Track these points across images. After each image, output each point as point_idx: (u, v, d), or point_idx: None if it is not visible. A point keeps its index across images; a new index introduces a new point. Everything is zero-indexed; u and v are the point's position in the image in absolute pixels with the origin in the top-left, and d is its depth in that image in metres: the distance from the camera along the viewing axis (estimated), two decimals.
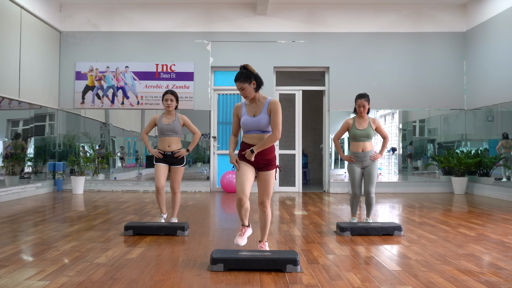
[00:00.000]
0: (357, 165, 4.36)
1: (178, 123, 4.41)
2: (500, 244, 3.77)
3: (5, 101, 6.88)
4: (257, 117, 3.12)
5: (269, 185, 3.17)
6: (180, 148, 4.44)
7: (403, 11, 8.64)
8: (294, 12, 8.61)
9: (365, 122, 4.37)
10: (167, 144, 4.36)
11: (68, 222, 4.75)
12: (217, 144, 8.61)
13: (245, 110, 3.19)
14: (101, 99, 8.53)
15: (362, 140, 4.34)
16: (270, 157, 3.16)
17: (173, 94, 4.44)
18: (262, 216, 3.23)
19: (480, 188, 7.95)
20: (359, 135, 4.33)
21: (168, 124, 4.37)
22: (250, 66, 3.13)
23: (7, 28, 6.88)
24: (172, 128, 4.36)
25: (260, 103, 3.16)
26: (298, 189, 8.69)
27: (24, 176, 7.37)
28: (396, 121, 8.81)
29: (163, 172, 4.35)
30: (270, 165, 3.17)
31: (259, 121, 3.11)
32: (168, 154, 4.36)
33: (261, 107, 3.14)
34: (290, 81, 9.56)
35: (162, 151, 4.36)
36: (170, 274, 2.83)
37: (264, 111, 3.12)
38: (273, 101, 3.13)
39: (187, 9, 8.61)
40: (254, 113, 3.15)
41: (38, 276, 2.75)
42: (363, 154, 4.33)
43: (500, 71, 7.50)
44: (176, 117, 4.43)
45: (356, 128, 4.34)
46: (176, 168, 4.38)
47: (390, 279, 2.74)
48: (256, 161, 3.14)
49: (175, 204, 4.44)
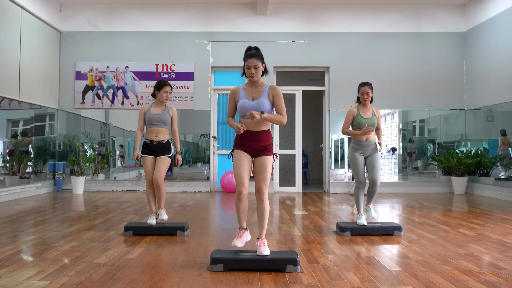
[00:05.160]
0: (360, 154, 4.30)
1: (168, 114, 4.29)
2: (500, 244, 3.77)
3: (5, 101, 6.88)
4: (256, 101, 3.09)
5: (266, 170, 3.08)
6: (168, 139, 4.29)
7: (403, 11, 8.64)
8: (294, 12, 8.61)
9: (369, 111, 4.32)
10: (154, 134, 4.24)
11: (68, 222, 4.75)
12: (217, 144, 8.61)
13: (243, 94, 3.15)
14: (101, 99, 8.53)
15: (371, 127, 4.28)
16: (266, 144, 3.11)
17: (170, 87, 4.34)
18: (260, 207, 3.09)
19: (480, 188, 7.95)
20: (364, 123, 4.28)
21: (157, 114, 4.24)
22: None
23: (7, 28, 6.88)
24: (161, 118, 4.24)
25: (260, 87, 3.15)
26: (298, 189, 8.69)
27: (24, 176, 7.38)
28: (396, 121, 8.81)
29: (152, 165, 4.22)
30: (266, 150, 3.10)
31: (258, 104, 3.07)
32: (155, 144, 4.23)
33: (261, 92, 3.13)
34: (290, 81, 9.56)
35: (148, 140, 4.25)
36: (170, 274, 2.83)
37: (264, 96, 3.11)
38: (274, 86, 3.15)
39: (187, 9, 8.61)
40: (253, 97, 3.12)
41: (38, 276, 2.75)
42: (366, 143, 4.29)
43: (500, 71, 7.50)
44: (166, 108, 4.31)
45: (361, 116, 4.29)
46: (161, 158, 4.20)
47: (390, 279, 2.74)
48: (252, 147, 3.09)
49: (161, 197, 4.19)
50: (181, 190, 8.37)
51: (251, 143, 3.09)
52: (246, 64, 3.09)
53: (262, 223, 3.11)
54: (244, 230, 3.16)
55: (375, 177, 4.24)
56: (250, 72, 3.08)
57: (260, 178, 3.08)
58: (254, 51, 3.10)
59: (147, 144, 4.25)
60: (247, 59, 3.08)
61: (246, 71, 3.11)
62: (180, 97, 8.45)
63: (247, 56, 3.09)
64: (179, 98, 8.42)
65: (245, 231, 3.16)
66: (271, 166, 3.12)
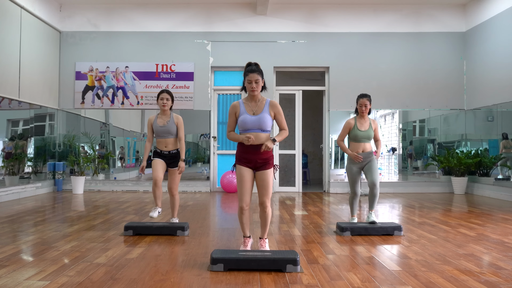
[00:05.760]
0: (356, 165, 4.37)
1: (173, 124, 4.28)
2: (500, 244, 3.77)
3: (5, 101, 6.88)
4: (257, 116, 3.16)
5: (268, 184, 3.19)
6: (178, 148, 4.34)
7: (403, 11, 8.64)
8: (294, 12, 8.61)
9: (366, 123, 4.39)
10: (164, 145, 4.29)
11: (68, 222, 4.75)
12: (217, 144, 8.61)
13: (244, 109, 3.21)
14: (101, 99, 8.52)
15: (363, 141, 4.35)
16: (267, 156, 3.19)
17: (168, 93, 4.31)
18: (263, 215, 3.25)
19: (480, 188, 7.95)
20: (360, 136, 4.34)
21: (162, 126, 4.26)
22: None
23: (7, 28, 6.88)
24: (167, 129, 4.25)
25: (260, 102, 3.23)
26: (298, 189, 8.69)
27: (24, 176, 7.38)
28: (396, 121, 8.81)
29: (161, 165, 4.26)
30: (267, 164, 3.19)
31: (260, 119, 3.15)
32: (165, 153, 4.30)
33: (262, 107, 3.21)
34: (290, 81, 9.56)
35: (159, 150, 4.31)
36: (170, 274, 2.83)
37: (265, 111, 3.18)
38: (274, 103, 3.24)
39: (187, 9, 8.61)
40: (254, 112, 3.19)
41: (38, 276, 2.75)
42: (362, 154, 4.35)
43: (500, 71, 7.50)
44: (171, 118, 4.31)
45: (358, 129, 4.35)
46: (174, 170, 4.33)
47: (390, 279, 2.74)
48: (254, 160, 3.16)
49: (175, 205, 4.41)
50: (181, 190, 8.37)
51: (253, 157, 3.17)
52: (247, 79, 3.17)
53: (264, 227, 3.30)
54: (248, 238, 3.34)
55: (374, 179, 4.27)
56: (251, 86, 3.16)
57: (263, 192, 3.19)
58: (255, 66, 3.19)
59: (158, 153, 4.33)
60: (248, 73, 3.16)
61: (247, 85, 3.19)
62: (180, 97, 8.45)
63: (247, 71, 3.17)
64: (179, 98, 8.42)
65: (249, 239, 3.35)
66: (272, 179, 3.23)
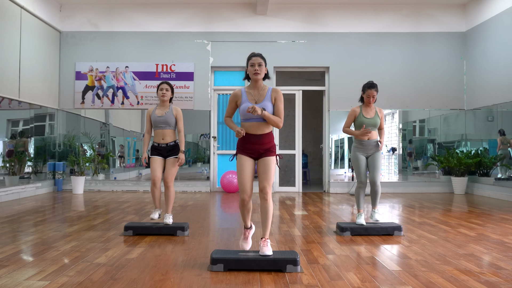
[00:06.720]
0: (362, 153, 4.32)
1: (172, 115, 4.24)
2: (500, 244, 3.77)
3: (5, 101, 6.88)
4: (259, 105, 3.10)
5: (270, 170, 3.10)
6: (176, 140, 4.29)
7: (403, 11, 8.65)
8: (294, 12, 8.61)
9: (372, 111, 4.35)
10: (161, 137, 4.23)
11: (68, 222, 4.75)
12: (217, 144, 8.61)
13: (246, 97, 3.16)
14: (101, 99, 8.53)
15: (369, 128, 4.30)
16: (269, 146, 3.14)
17: (168, 84, 4.29)
18: (263, 206, 3.10)
19: (480, 188, 7.95)
20: (367, 123, 4.28)
21: (161, 116, 4.22)
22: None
23: (7, 28, 6.88)
24: (164, 120, 4.21)
25: (263, 90, 3.17)
26: (298, 189, 8.69)
27: (24, 176, 7.38)
28: (396, 121, 8.81)
29: (159, 164, 4.22)
30: (270, 151, 3.14)
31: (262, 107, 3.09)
32: (163, 147, 4.23)
33: (264, 95, 3.14)
34: (290, 81, 9.56)
35: (156, 143, 4.26)
36: (170, 274, 2.83)
37: (267, 99, 3.13)
38: (277, 89, 3.18)
39: (187, 9, 8.61)
40: (256, 100, 3.14)
41: (38, 276, 2.75)
42: (368, 142, 4.30)
43: (500, 71, 7.50)
44: (170, 109, 4.27)
45: (364, 116, 4.32)
46: (170, 160, 4.22)
47: (390, 279, 2.74)
48: (256, 150, 3.12)
49: (169, 199, 4.23)
50: (181, 190, 8.37)
51: (254, 146, 3.12)
52: (250, 62, 3.13)
53: (265, 223, 3.12)
54: (249, 229, 3.29)
55: (375, 178, 4.25)
56: (254, 69, 3.10)
57: (264, 177, 3.11)
58: (257, 52, 3.20)
59: (155, 147, 4.27)
60: (251, 57, 3.14)
61: (250, 69, 3.13)
62: (180, 97, 8.45)
63: (251, 55, 3.16)
64: (179, 98, 8.42)
65: (249, 229, 3.30)
66: (274, 166, 3.15)
